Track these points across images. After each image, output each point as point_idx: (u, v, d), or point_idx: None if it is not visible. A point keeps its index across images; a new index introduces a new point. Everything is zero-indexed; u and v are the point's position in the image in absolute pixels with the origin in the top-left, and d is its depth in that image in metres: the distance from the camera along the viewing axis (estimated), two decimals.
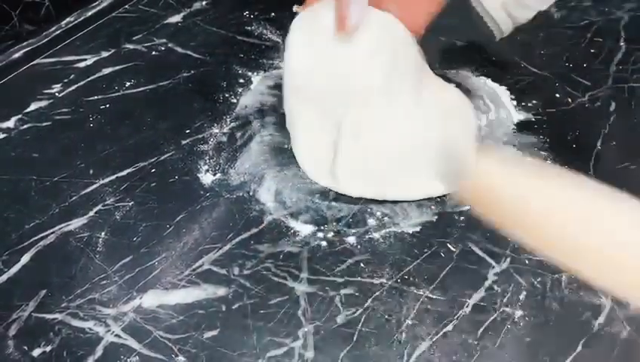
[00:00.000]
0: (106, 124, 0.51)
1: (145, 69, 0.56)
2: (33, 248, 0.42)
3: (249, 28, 0.61)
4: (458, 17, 0.49)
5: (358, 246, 0.42)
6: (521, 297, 0.38)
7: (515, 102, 0.52)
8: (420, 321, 0.37)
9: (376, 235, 0.42)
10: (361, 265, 0.40)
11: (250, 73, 0.56)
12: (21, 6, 0.58)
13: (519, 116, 0.50)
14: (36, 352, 0.36)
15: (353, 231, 0.42)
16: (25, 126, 0.51)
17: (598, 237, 0.31)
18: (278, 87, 0.54)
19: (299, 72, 0.44)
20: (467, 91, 0.52)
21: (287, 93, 0.46)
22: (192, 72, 0.56)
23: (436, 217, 0.43)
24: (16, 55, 0.57)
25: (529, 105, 0.51)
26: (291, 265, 0.40)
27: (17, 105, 0.52)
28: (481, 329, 0.37)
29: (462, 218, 0.43)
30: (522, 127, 0.50)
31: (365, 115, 0.43)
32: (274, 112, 0.52)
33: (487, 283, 0.39)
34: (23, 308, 0.39)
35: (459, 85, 0.52)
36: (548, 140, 0.48)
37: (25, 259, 0.41)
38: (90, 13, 0.62)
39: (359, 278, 0.40)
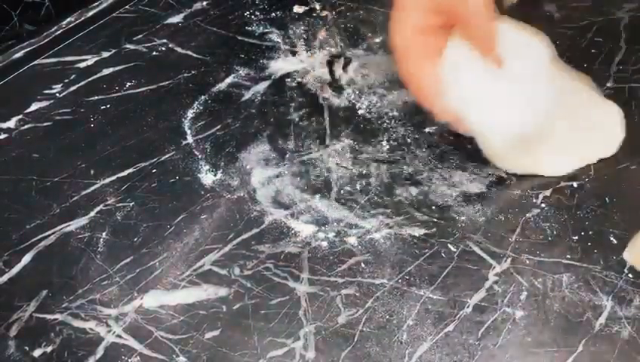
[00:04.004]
0: (107, 124, 0.51)
1: (145, 69, 0.56)
2: (34, 248, 0.42)
3: (249, 28, 0.61)
4: None
5: (359, 247, 0.42)
6: (522, 297, 0.39)
7: None
8: (420, 321, 0.37)
9: (376, 235, 0.42)
10: (362, 265, 0.40)
11: (250, 73, 0.56)
12: (21, 6, 0.58)
13: None
14: (37, 352, 0.36)
15: (354, 231, 0.43)
16: (25, 126, 0.51)
17: None
18: (277, 87, 0.54)
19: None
20: None
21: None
22: (192, 72, 0.56)
23: (436, 217, 0.43)
24: (17, 55, 0.57)
25: None
26: (292, 265, 0.40)
27: (18, 105, 0.52)
28: (482, 330, 0.37)
29: (462, 218, 0.43)
30: None
31: None
32: (275, 112, 0.52)
33: (487, 284, 0.39)
34: (24, 309, 0.39)
35: None
36: None
37: (26, 259, 0.41)
38: (90, 14, 0.62)
39: (360, 279, 0.40)
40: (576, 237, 0.41)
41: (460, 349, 0.36)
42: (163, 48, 0.58)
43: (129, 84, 0.54)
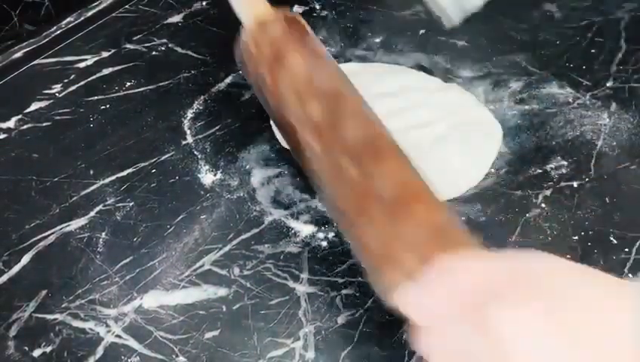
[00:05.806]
0: (107, 124, 0.51)
1: (145, 69, 0.56)
2: (34, 248, 0.42)
3: None
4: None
5: None
6: None
7: (514, 103, 0.52)
8: None
9: None
10: (362, 265, 0.40)
11: None
12: (21, 6, 0.57)
13: (518, 119, 0.51)
14: (37, 353, 0.36)
15: None
16: (25, 126, 0.51)
17: None
18: None
19: None
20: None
21: None
22: (192, 72, 0.56)
23: None
24: (17, 55, 0.57)
25: (529, 105, 0.51)
26: (292, 265, 0.40)
27: (18, 105, 0.52)
28: None
29: (462, 218, 0.43)
30: (522, 127, 0.50)
31: None
32: None
33: None
34: (24, 309, 0.39)
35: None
36: (548, 140, 0.48)
37: (25, 259, 0.41)
38: (90, 13, 0.62)
39: (360, 278, 0.40)
40: (577, 237, 0.41)
41: None
42: (163, 48, 0.58)
43: (129, 84, 0.54)
